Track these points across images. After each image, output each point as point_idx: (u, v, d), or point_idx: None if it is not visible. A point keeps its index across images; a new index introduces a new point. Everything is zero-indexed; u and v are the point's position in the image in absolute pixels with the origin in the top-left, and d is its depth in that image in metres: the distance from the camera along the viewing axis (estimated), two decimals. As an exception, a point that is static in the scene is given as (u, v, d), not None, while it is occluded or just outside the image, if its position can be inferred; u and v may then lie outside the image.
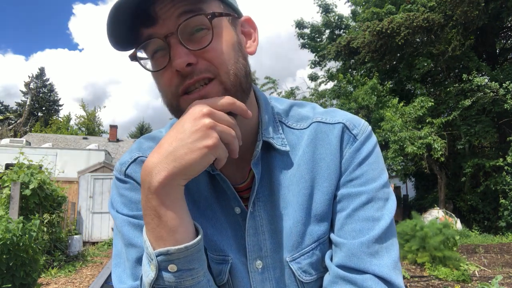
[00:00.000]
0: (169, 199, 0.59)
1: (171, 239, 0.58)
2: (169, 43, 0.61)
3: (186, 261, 0.59)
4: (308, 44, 18.20)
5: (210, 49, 0.63)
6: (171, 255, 0.58)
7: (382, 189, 0.71)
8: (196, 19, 0.62)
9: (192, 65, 0.62)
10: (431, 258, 6.28)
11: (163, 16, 0.61)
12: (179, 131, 0.59)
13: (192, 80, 0.62)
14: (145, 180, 0.59)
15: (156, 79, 0.67)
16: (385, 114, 12.42)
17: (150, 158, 0.59)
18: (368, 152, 0.73)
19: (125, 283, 0.68)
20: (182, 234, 0.59)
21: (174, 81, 0.63)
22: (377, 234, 0.66)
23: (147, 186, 0.58)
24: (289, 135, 0.77)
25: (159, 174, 0.57)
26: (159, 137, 0.80)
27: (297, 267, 0.72)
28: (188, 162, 0.57)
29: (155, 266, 0.58)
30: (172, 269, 0.58)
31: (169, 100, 0.66)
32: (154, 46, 0.64)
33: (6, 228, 4.41)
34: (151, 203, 0.58)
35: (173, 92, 0.64)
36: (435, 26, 12.45)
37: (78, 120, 41.72)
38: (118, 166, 0.77)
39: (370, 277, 0.64)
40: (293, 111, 0.81)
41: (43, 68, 49.57)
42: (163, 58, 0.63)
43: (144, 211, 0.60)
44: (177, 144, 0.58)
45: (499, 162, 11.95)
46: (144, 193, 0.59)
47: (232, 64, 0.64)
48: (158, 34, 0.62)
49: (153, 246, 0.59)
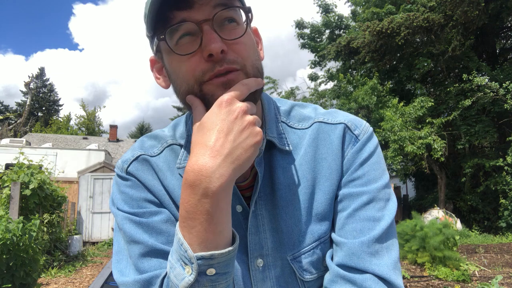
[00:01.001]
0: (225, 202, 0.58)
1: (216, 243, 0.57)
2: (202, 29, 0.62)
3: (225, 265, 0.59)
4: (308, 44, 18.21)
5: (240, 42, 0.65)
6: (214, 259, 0.57)
7: (383, 189, 0.71)
8: (232, 12, 0.65)
9: (224, 52, 0.62)
10: (431, 258, 6.28)
11: (199, 1, 0.62)
12: (226, 131, 0.58)
13: (222, 67, 0.62)
14: (199, 185, 0.56)
15: (178, 64, 0.66)
16: (385, 114, 12.42)
17: (203, 161, 0.56)
18: (370, 152, 0.74)
19: (128, 276, 0.67)
20: (226, 238, 0.59)
21: (202, 67, 0.63)
22: (378, 234, 0.67)
23: (202, 191, 0.56)
24: (291, 135, 0.77)
25: (221, 177, 0.56)
26: (161, 136, 0.81)
27: (298, 265, 0.73)
28: (245, 161, 0.58)
29: (195, 270, 0.57)
30: (211, 273, 0.58)
31: (191, 86, 0.65)
32: (184, 31, 0.64)
33: (6, 228, 4.41)
34: (204, 207, 0.56)
35: (197, 78, 0.64)
36: (435, 26, 12.45)
37: (78, 120, 41.73)
38: (120, 163, 0.77)
39: (370, 276, 0.64)
40: (294, 111, 0.82)
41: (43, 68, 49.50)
42: (191, 44, 0.64)
43: (189, 214, 0.57)
44: (231, 145, 0.57)
45: (499, 162, 11.95)
46: (195, 197, 0.56)
47: (255, 60, 0.67)
48: (192, 18, 0.62)
49: (193, 249, 0.57)
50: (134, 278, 0.66)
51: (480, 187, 13.02)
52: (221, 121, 0.58)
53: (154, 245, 0.68)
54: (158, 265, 0.66)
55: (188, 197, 0.57)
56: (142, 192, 0.74)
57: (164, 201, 0.74)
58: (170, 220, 0.72)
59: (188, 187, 0.57)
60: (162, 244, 0.68)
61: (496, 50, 15.49)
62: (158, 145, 0.79)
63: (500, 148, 12.96)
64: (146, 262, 0.67)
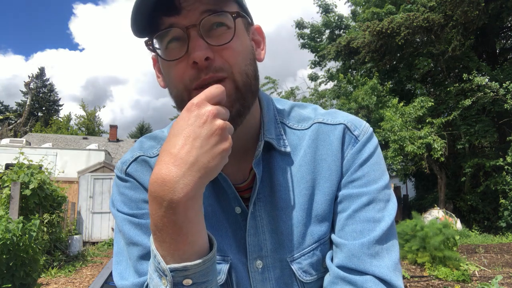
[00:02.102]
0: (193, 212, 0.54)
1: (189, 253, 0.55)
2: (188, 35, 0.62)
3: (202, 274, 0.56)
4: (308, 44, 18.21)
5: (229, 47, 0.63)
6: (188, 270, 0.55)
7: (383, 190, 0.71)
8: (220, 16, 0.63)
9: (209, 60, 0.61)
10: (431, 258, 6.28)
11: (187, 7, 0.61)
12: (193, 136, 0.54)
13: (208, 76, 0.62)
14: (163, 196, 0.52)
15: (168, 69, 0.66)
16: (385, 114, 12.42)
17: (166, 171, 0.52)
18: (370, 153, 0.73)
19: (127, 279, 0.67)
20: (200, 247, 0.56)
21: (188, 74, 0.62)
22: (378, 235, 0.66)
23: (167, 202, 0.52)
24: (290, 135, 0.77)
25: (185, 188, 0.52)
26: (160, 136, 0.80)
27: (297, 267, 0.72)
28: (212, 169, 0.54)
29: (170, 282, 0.54)
30: (187, 283, 0.55)
31: (180, 92, 0.65)
32: (172, 36, 0.63)
33: (6, 228, 4.41)
34: (171, 219, 0.53)
35: (186, 85, 0.63)
36: (435, 26, 12.45)
37: (78, 120, 41.74)
38: (119, 164, 0.77)
39: (370, 278, 0.64)
40: (294, 112, 0.81)
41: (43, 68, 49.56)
42: (179, 49, 0.63)
43: (157, 227, 0.54)
44: (197, 152, 0.53)
45: (499, 162, 11.95)
46: (161, 209, 0.53)
47: (245, 65, 0.65)
48: (179, 24, 0.62)
49: (166, 261, 0.55)
50: (133, 281, 0.66)
51: (480, 187, 13.03)
52: (188, 126, 0.55)
53: None
54: None
55: (154, 210, 0.54)
56: (141, 193, 0.73)
57: None
58: None
59: (153, 199, 0.54)
60: None
61: (496, 50, 15.49)
62: (157, 146, 0.79)
63: (500, 148, 12.96)
64: (145, 264, 0.67)
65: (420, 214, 8.19)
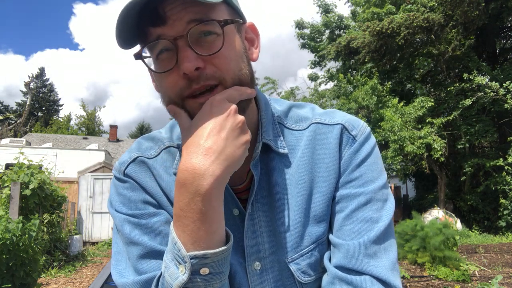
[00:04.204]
0: (218, 200, 0.58)
1: (209, 242, 0.57)
2: (177, 46, 0.61)
3: (219, 264, 0.59)
4: (308, 44, 18.20)
5: (219, 56, 0.62)
6: (207, 258, 0.57)
7: (380, 190, 0.71)
8: (208, 25, 0.62)
9: (200, 69, 0.61)
10: (431, 258, 6.28)
11: (173, 17, 0.60)
12: (218, 128, 0.58)
13: (199, 85, 0.62)
14: (192, 183, 0.56)
15: (159, 80, 0.66)
16: (385, 114, 12.42)
17: (196, 160, 0.56)
18: (367, 153, 0.73)
19: (127, 277, 0.67)
20: (220, 237, 0.59)
21: (180, 84, 0.62)
22: (376, 235, 0.67)
23: (194, 189, 0.56)
24: (288, 136, 0.77)
25: (213, 175, 0.56)
26: (158, 137, 0.80)
27: (296, 268, 0.72)
28: (237, 159, 0.59)
29: (188, 269, 0.57)
30: (204, 272, 0.57)
31: (172, 100, 0.65)
32: (161, 47, 0.63)
33: (6, 228, 4.41)
34: (197, 206, 0.56)
35: (177, 94, 0.64)
36: (435, 26, 12.44)
37: (78, 120, 41.77)
38: (118, 165, 0.77)
39: (368, 278, 0.64)
40: (292, 112, 0.81)
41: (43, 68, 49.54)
42: (169, 60, 0.62)
43: (183, 213, 0.57)
44: (224, 142, 0.57)
45: (499, 162, 11.95)
46: (188, 196, 0.56)
47: (238, 71, 0.65)
48: (166, 35, 0.61)
49: (186, 248, 0.57)
50: (133, 279, 0.66)
51: (480, 187, 13.02)
52: (213, 119, 0.59)
53: (153, 246, 0.67)
54: (157, 266, 0.66)
55: (181, 195, 0.57)
56: (140, 194, 0.73)
57: (162, 203, 0.74)
58: (169, 222, 0.71)
59: (182, 185, 0.57)
60: (161, 245, 0.68)
61: (496, 50, 15.49)
62: (155, 147, 0.79)
63: (500, 148, 12.96)
64: (145, 263, 0.67)
65: (420, 214, 8.19)
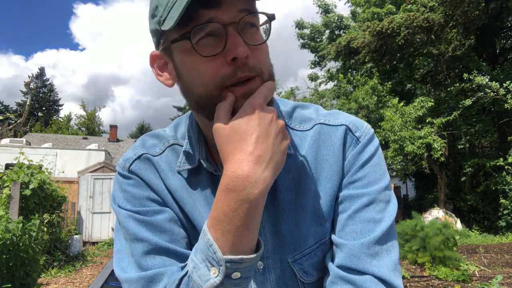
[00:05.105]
0: (261, 207, 0.58)
1: (246, 248, 0.58)
2: (227, 31, 0.60)
3: (249, 269, 0.59)
4: (308, 45, 18.22)
5: (261, 48, 0.65)
6: (242, 263, 0.57)
7: (383, 191, 0.71)
8: (255, 17, 0.64)
9: (247, 58, 0.61)
10: (431, 258, 6.28)
11: (227, 1, 0.60)
12: (265, 135, 0.58)
13: (244, 74, 0.61)
14: (243, 190, 0.55)
15: (196, 65, 0.62)
16: (385, 114, 12.42)
17: (247, 167, 0.56)
18: (371, 154, 0.74)
19: (130, 272, 0.67)
20: (255, 243, 0.60)
21: (222, 71, 0.61)
22: (378, 235, 0.67)
23: (244, 196, 0.55)
24: (292, 136, 0.77)
25: (264, 182, 0.56)
26: (163, 135, 0.80)
27: (298, 267, 0.72)
28: (281, 164, 0.60)
29: (223, 272, 0.56)
30: (236, 276, 0.58)
31: (209, 90, 0.62)
32: (208, 30, 0.61)
33: (6, 228, 4.41)
34: (243, 212, 0.56)
35: (217, 82, 0.62)
36: (435, 26, 12.45)
37: (78, 120, 41.78)
38: (122, 162, 0.77)
39: (370, 278, 0.64)
40: (296, 112, 0.81)
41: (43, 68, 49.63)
42: (213, 46, 0.61)
43: (228, 219, 0.56)
44: (272, 149, 0.58)
45: (499, 162, 11.96)
46: (236, 202, 0.56)
47: (269, 66, 0.67)
48: (219, 19, 0.60)
49: (223, 252, 0.56)
50: (138, 274, 0.65)
51: (480, 187, 13.03)
52: (258, 125, 0.58)
53: (158, 243, 0.67)
54: (161, 263, 0.66)
55: (228, 201, 0.57)
56: (145, 191, 0.73)
57: (167, 200, 0.74)
58: (174, 219, 0.72)
59: (231, 191, 0.56)
60: (166, 242, 0.68)
61: (496, 50, 15.49)
62: (159, 144, 0.78)
63: (500, 148, 12.97)
64: (150, 260, 0.67)
65: (420, 214, 8.19)
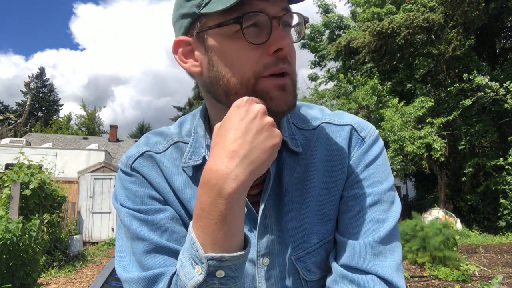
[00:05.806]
0: (239, 204, 0.57)
1: (227, 245, 0.57)
2: (272, 24, 0.63)
3: (234, 268, 0.58)
4: (308, 44, 18.21)
5: (293, 46, 0.67)
6: (224, 261, 0.57)
7: (388, 191, 0.72)
8: (293, 16, 0.67)
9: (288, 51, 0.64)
10: (431, 258, 6.29)
11: None
12: (244, 131, 0.57)
13: (285, 65, 0.64)
14: (215, 185, 0.56)
15: (236, 53, 0.63)
16: (385, 114, 12.43)
17: (220, 162, 0.56)
18: (376, 154, 0.74)
19: (132, 272, 0.66)
20: (238, 241, 0.59)
21: (264, 61, 0.63)
22: (382, 235, 0.67)
23: (218, 191, 0.56)
24: (298, 135, 0.77)
25: (236, 179, 0.55)
26: (167, 133, 0.80)
27: (302, 265, 0.73)
28: (262, 164, 0.57)
29: (205, 270, 0.57)
30: (220, 275, 0.57)
31: (246, 78, 0.63)
32: (255, 20, 0.62)
33: (6, 228, 4.41)
34: (219, 208, 0.56)
35: (256, 71, 0.63)
36: (435, 26, 12.45)
37: (78, 120, 41.79)
38: (124, 159, 0.76)
39: (373, 277, 0.64)
40: (302, 111, 0.82)
41: (43, 68, 49.65)
42: (256, 35, 0.62)
43: (204, 213, 0.57)
44: (248, 146, 0.56)
45: (500, 162, 11.96)
46: (212, 197, 0.56)
47: (295, 65, 0.69)
48: (267, 10, 0.62)
49: (205, 249, 0.57)
50: (139, 275, 0.65)
51: (480, 187, 13.03)
52: (239, 120, 0.58)
53: (159, 242, 0.67)
54: (162, 263, 0.66)
55: (204, 195, 0.57)
56: (146, 189, 0.73)
57: (169, 199, 0.73)
58: (175, 218, 0.71)
59: (204, 186, 0.57)
60: (167, 241, 0.68)
61: (496, 50, 15.50)
62: (163, 142, 0.78)
63: (500, 148, 12.97)
64: (151, 259, 0.66)
65: (420, 214, 8.20)
